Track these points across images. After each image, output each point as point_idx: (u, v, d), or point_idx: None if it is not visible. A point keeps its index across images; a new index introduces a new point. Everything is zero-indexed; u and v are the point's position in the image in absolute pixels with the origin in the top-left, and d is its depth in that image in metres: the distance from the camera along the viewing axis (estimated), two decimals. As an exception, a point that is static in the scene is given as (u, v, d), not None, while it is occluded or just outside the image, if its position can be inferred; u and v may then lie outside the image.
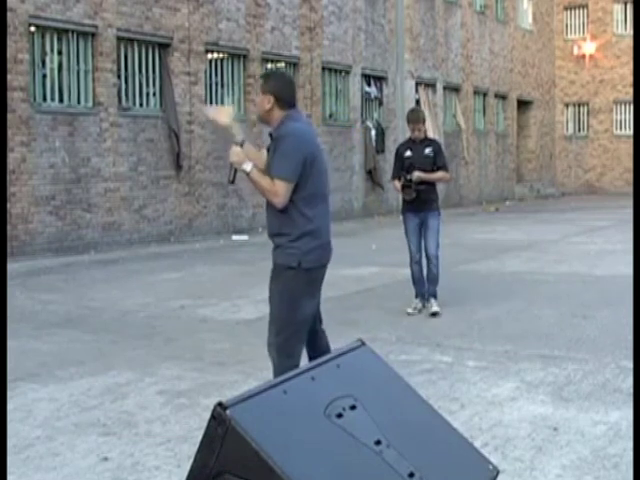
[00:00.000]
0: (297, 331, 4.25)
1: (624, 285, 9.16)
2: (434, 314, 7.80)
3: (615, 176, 32.20)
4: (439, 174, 8.04)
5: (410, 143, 8.16)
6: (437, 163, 8.02)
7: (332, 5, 19.99)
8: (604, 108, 32.31)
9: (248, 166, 4.22)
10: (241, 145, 4.38)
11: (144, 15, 15.07)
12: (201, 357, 6.43)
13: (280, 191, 4.15)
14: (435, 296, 7.99)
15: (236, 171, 4.30)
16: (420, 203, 7.94)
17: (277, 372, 4.16)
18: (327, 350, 4.35)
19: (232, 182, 4.41)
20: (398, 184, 8.03)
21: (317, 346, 4.42)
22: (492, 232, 16.56)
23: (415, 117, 8.12)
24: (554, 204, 26.60)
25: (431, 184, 8.03)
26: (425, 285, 8.09)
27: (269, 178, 4.19)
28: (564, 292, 9.24)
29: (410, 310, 7.95)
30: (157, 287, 10.08)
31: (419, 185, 7.87)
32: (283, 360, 4.18)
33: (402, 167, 8.02)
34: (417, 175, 7.85)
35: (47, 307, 8.71)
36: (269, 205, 4.27)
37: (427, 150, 8.02)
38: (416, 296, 8.08)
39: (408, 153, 8.04)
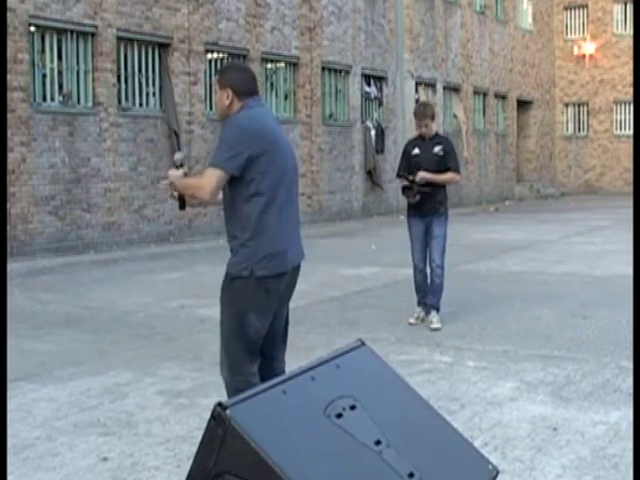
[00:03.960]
0: (248, 347, 3.78)
1: (624, 285, 9.16)
2: (435, 330, 7.21)
3: (615, 176, 32.20)
4: (447, 175, 7.37)
5: (419, 140, 7.50)
6: (447, 163, 7.37)
7: (332, 5, 19.99)
8: (604, 108, 32.30)
9: (170, 182, 3.87)
10: (180, 165, 4.01)
11: (144, 15, 15.07)
12: (201, 357, 6.43)
13: (207, 179, 3.74)
14: (437, 309, 7.44)
15: (182, 196, 3.93)
16: (425, 207, 7.34)
17: (229, 391, 3.75)
18: None
19: (182, 208, 3.99)
20: (401, 185, 7.51)
21: (268, 374, 3.72)
22: (492, 232, 16.56)
23: (421, 112, 7.42)
24: (554, 204, 26.60)
25: (439, 186, 7.39)
26: (428, 293, 7.54)
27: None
28: (564, 292, 9.24)
29: (412, 320, 7.47)
30: (157, 287, 10.08)
31: (424, 187, 7.26)
32: (235, 378, 3.75)
33: (409, 166, 7.42)
34: (421, 176, 7.24)
35: (47, 307, 8.71)
36: (225, 207, 3.88)
37: (436, 148, 7.37)
38: (418, 304, 7.60)
39: (416, 151, 7.42)
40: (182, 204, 3.96)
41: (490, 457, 3.20)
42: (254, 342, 3.80)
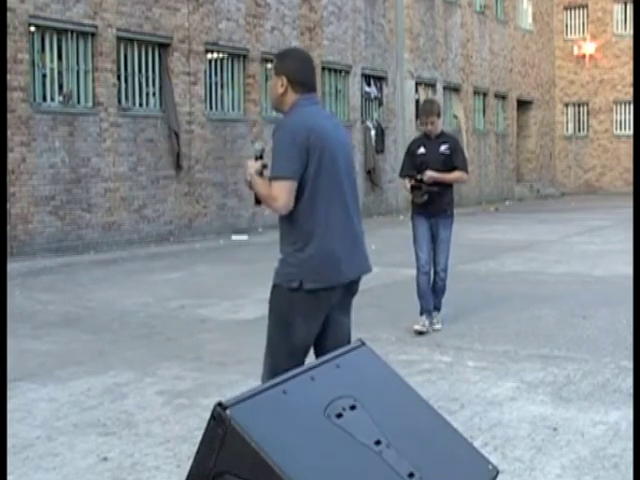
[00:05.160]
0: (291, 353, 3.58)
1: (624, 285, 9.16)
2: (435, 330, 7.27)
3: (615, 176, 32.20)
4: (455, 174, 7.17)
5: (424, 139, 7.28)
6: (454, 162, 7.17)
7: (332, 5, 19.99)
8: (604, 108, 32.31)
9: (249, 175, 3.60)
10: (260, 157, 3.65)
11: (144, 15, 15.07)
12: (201, 357, 6.43)
13: (278, 194, 3.47)
14: (439, 309, 7.42)
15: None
16: (432, 207, 7.13)
17: None
18: None
19: (257, 203, 3.66)
20: (408, 184, 7.21)
21: None
22: (492, 232, 16.57)
23: (428, 109, 7.18)
24: (554, 204, 26.60)
25: (446, 185, 7.18)
26: (432, 300, 7.37)
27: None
28: (564, 292, 9.24)
29: (418, 327, 7.16)
30: (157, 287, 10.07)
31: (431, 186, 7.05)
32: None
33: (414, 165, 7.19)
34: (429, 175, 7.02)
35: (46, 307, 8.71)
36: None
37: (443, 147, 7.16)
38: (421, 313, 7.28)
39: (421, 150, 7.19)
40: (257, 200, 3.66)
41: (490, 457, 3.20)
42: (299, 348, 3.60)
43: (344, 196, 3.63)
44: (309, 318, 3.57)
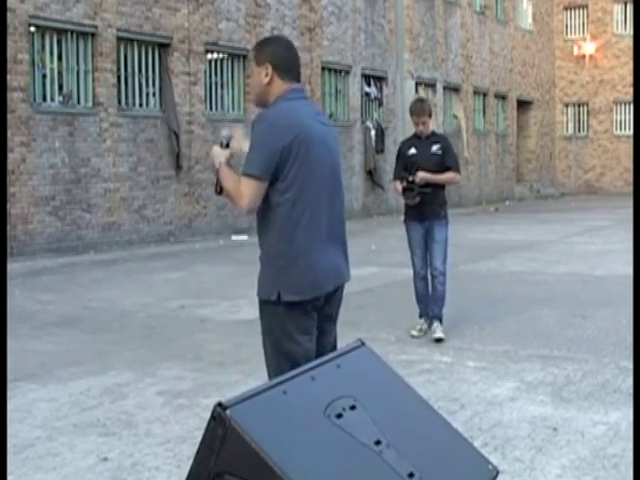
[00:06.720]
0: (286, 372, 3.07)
1: (624, 285, 9.16)
2: (438, 340, 6.82)
3: (615, 176, 32.20)
4: (448, 175, 6.96)
5: (415, 140, 7.10)
6: (446, 163, 6.96)
7: (332, 5, 19.99)
8: (604, 108, 32.31)
9: (218, 163, 3.36)
10: (227, 144, 3.44)
11: (144, 15, 15.07)
12: (201, 357, 6.43)
13: (244, 191, 3.21)
14: (440, 319, 7.01)
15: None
16: (425, 209, 6.92)
17: None
18: None
19: (219, 193, 3.40)
20: (399, 186, 6.98)
21: None
22: (492, 232, 16.56)
23: (419, 108, 7.04)
24: (554, 204, 26.60)
25: (438, 187, 6.96)
26: (430, 304, 7.13)
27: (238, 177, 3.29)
28: (564, 292, 9.24)
29: (415, 332, 7.04)
30: (157, 287, 10.07)
31: (423, 187, 6.84)
32: None
33: (405, 167, 7.01)
34: (421, 176, 6.81)
35: (46, 307, 8.71)
36: (257, 212, 3.36)
37: (434, 147, 6.97)
38: (420, 316, 7.16)
39: (412, 151, 7.02)
40: (220, 190, 3.39)
41: (490, 457, 3.20)
42: (295, 364, 3.19)
43: (327, 202, 3.37)
44: (301, 325, 3.33)
